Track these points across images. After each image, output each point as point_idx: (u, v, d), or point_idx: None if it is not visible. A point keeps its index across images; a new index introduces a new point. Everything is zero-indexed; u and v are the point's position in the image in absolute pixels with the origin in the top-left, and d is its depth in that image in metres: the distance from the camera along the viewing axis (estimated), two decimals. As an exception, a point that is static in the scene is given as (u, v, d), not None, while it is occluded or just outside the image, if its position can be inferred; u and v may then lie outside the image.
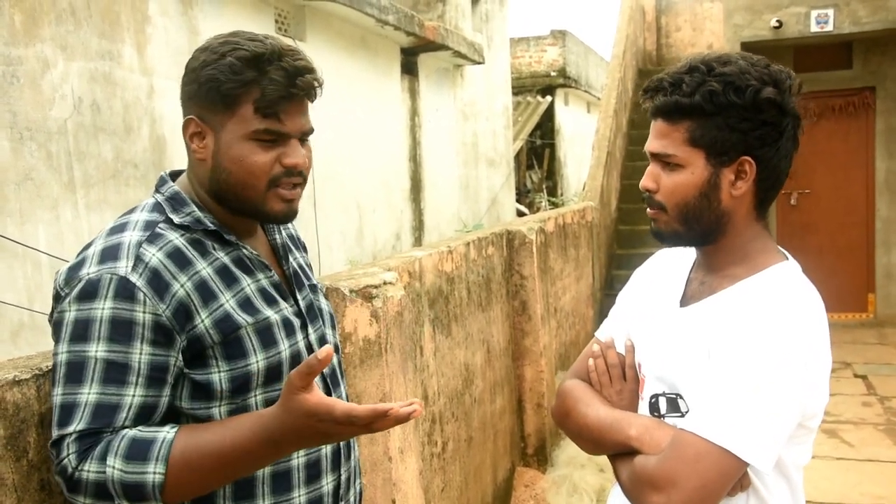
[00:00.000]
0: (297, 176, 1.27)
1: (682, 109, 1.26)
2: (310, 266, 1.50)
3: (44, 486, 1.26)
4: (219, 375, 1.22)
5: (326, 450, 1.34)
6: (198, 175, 1.30)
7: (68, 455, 1.12)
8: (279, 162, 1.25)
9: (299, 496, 1.30)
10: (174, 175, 1.35)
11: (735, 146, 1.26)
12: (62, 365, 1.16)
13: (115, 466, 1.11)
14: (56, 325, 1.19)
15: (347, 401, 1.34)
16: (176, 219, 1.26)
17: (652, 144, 1.32)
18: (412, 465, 2.39)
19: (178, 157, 4.72)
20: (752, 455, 1.17)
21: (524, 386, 4.35)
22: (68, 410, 1.14)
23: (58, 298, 1.21)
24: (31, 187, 3.79)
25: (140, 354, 1.16)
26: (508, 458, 4.12)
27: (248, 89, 1.21)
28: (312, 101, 1.28)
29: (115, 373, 1.15)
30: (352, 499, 1.43)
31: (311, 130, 1.29)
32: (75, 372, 1.15)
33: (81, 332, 1.15)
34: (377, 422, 1.08)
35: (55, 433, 1.14)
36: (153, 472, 1.11)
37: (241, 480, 1.24)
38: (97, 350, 1.15)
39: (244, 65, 1.20)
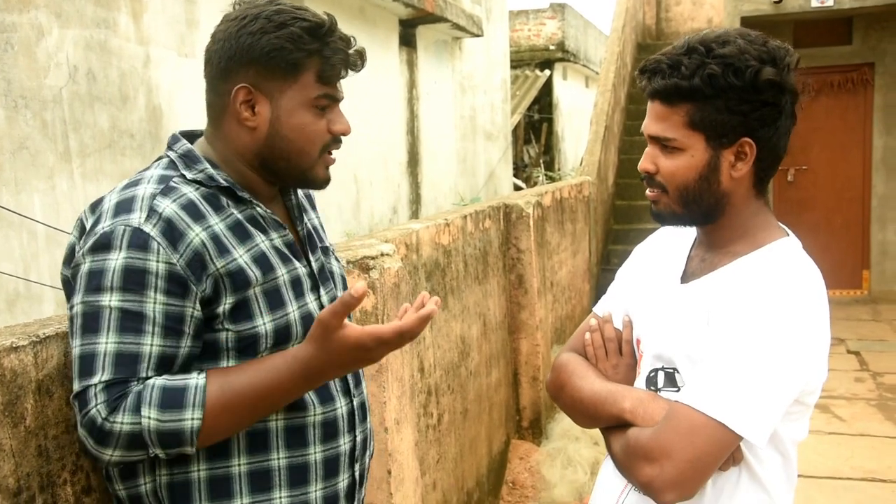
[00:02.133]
0: (340, 142, 1.34)
1: (681, 92, 1.24)
2: (323, 228, 1.52)
3: (41, 451, 1.27)
4: (226, 335, 1.23)
5: (342, 410, 1.35)
6: (235, 141, 1.30)
7: (96, 405, 1.12)
8: (329, 129, 1.31)
9: (315, 454, 1.32)
10: (186, 136, 1.36)
11: (735, 128, 1.25)
12: (78, 316, 1.17)
13: (150, 416, 1.13)
14: (72, 278, 1.20)
15: None
16: (188, 174, 1.27)
17: (650, 127, 1.31)
18: (408, 436, 2.40)
19: (175, 127, 4.69)
20: (746, 429, 1.17)
21: (520, 359, 4.38)
22: (89, 361, 1.14)
23: (73, 256, 1.22)
24: (27, 156, 3.77)
25: (154, 304, 1.16)
26: (503, 430, 4.16)
27: (311, 58, 1.25)
28: (358, 72, 1.34)
29: (131, 321, 1.15)
30: (367, 461, 1.44)
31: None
32: (91, 322, 1.15)
33: (96, 282, 1.16)
34: (418, 326, 1.15)
35: (78, 385, 1.15)
36: (191, 419, 1.14)
37: (256, 432, 1.27)
38: (111, 300, 1.15)
39: (309, 34, 1.25)
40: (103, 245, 1.17)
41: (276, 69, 1.25)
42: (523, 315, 4.34)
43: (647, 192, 1.35)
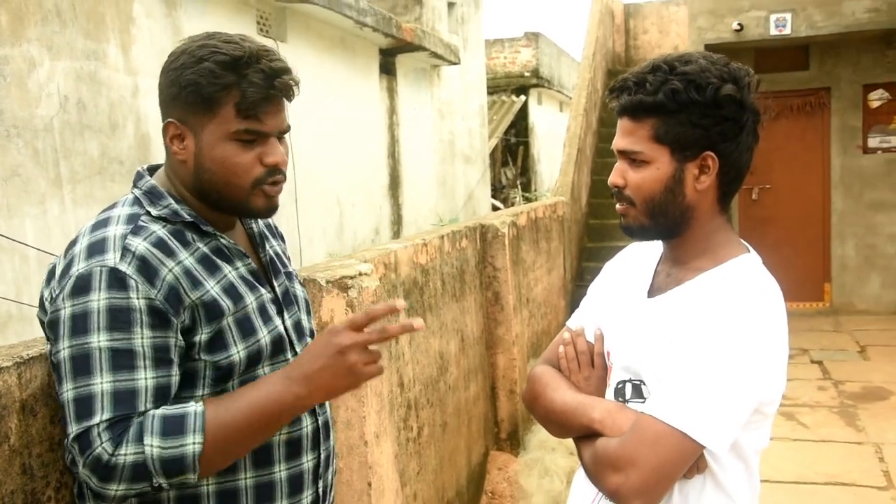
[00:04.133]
0: (278, 174, 1.31)
1: (647, 107, 1.29)
2: (286, 254, 1.54)
3: (25, 469, 1.29)
4: (203, 364, 1.26)
5: (307, 429, 1.39)
6: (178, 174, 1.33)
7: (101, 444, 1.13)
8: (260, 161, 1.28)
9: (280, 471, 1.35)
10: (151, 170, 1.39)
11: (698, 142, 1.29)
12: (67, 360, 1.17)
13: (153, 444, 1.14)
14: (52, 323, 1.20)
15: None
16: (154, 211, 1.29)
17: (619, 142, 1.35)
18: (387, 449, 2.43)
19: (163, 154, 4.81)
20: (707, 438, 1.21)
21: (497, 373, 4.42)
22: (86, 402, 1.15)
23: (50, 300, 1.23)
24: (19, 183, 3.86)
25: (142, 339, 1.18)
26: (482, 442, 4.19)
27: (229, 92, 1.24)
28: (290, 101, 1.33)
29: (123, 360, 1.17)
30: (330, 477, 1.47)
31: (288, 128, 1.34)
32: (82, 364, 1.16)
33: (81, 325, 1.17)
34: (391, 327, 1.19)
35: (76, 428, 1.15)
36: (192, 443, 1.15)
37: None
38: (100, 340, 1.16)
39: (223, 68, 1.24)
40: (81, 287, 1.18)
41: (195, 104, 1.26)
42: (500, 331, 4.39)
43: (617, 206, 1.39)
